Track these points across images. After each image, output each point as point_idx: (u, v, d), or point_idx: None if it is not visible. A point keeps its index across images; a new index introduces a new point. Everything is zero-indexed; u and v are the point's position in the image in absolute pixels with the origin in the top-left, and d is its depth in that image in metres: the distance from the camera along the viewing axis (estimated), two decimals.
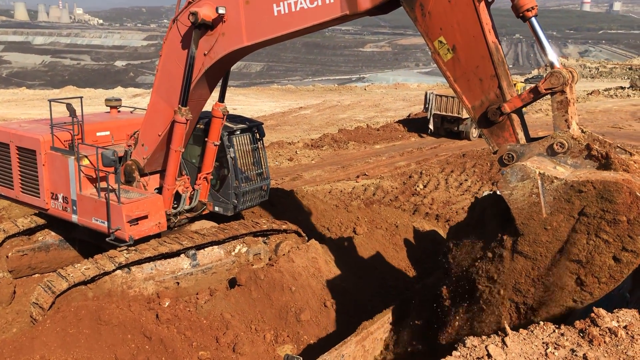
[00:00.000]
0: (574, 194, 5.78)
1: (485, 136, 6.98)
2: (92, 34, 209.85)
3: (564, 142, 6.25)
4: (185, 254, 10.77)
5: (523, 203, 6.08)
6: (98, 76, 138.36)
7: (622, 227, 5.56)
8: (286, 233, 12.44)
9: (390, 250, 12.60)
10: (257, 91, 65.38)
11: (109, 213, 10.00)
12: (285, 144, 29.69)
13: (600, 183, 5.63)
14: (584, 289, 5.86)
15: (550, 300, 6.05)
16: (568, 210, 5.84)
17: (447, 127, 31.00)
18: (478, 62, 6.80)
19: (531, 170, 6.03)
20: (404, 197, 19.45)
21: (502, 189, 6.23)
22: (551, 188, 5.94)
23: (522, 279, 6.18)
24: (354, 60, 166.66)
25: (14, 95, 57.30)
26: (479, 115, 6.90)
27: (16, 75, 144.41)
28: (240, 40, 8.99)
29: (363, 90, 65.25)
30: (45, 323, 8.77)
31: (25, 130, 11.22)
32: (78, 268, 9.77)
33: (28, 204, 11.46)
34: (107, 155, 9.63)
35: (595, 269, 5.73)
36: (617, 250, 5.63)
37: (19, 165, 11.19)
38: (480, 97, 6.88)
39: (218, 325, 9.26)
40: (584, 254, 5.77)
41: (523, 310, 6.25)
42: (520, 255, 6.17)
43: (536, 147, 6.47)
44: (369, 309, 10.48)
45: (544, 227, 5.99)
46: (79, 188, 10.48)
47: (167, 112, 10.21)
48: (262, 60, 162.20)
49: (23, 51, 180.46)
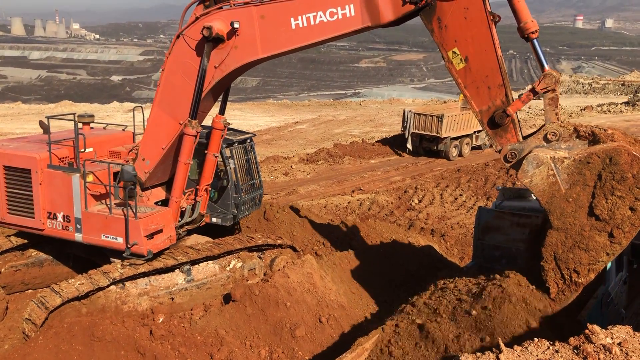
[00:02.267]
0: (584, 167, 7.05)
1: (491, 137, 8.04)
2: (88, 49, 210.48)
3: (556, 131, 7.44)
4: (179, 269, 10.73)
5: (543, 185, 7.31)
6: (94, 91, 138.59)
7: (629, 182, 6.82)
8: (281, 248, 12.42)
9: (386, 265, 12.56)
10: (253, 106, 65.56)
11: (127, 228, 9.89)
12: (280, 158, 29.74)
13: (602, 152, 6.92)
14: (613, 241, 7.08)
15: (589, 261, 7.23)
16: (582, 181, 7.10)
17: (426, 146, 30.15)
18: (488, 73, 7.75)
19: (544, 157, 7.28)
20: (399, 211, 19.47)
21: (523, 178, 7.48)
22: (563, 167, 7.20)
23: (560, 249, 7.34)
24: (350, 76, 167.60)
25: (9, 110, 57.22)
26: (486, 119, 7.89)
27: (12, 90, 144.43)
28: (255, 52, 9.19)
29: (358, 105, 65.54)
30: (38, 339, 8.69)
31: (14, 149, 10.84)
32: (72, 283, 9.71)
33: (16, 226, 11.00)
34: (128, 171, 9.60)
35: (618, 222, 6.96)
36: (630, 202, 6.88)
37: (6, 186, 10.76)
38: (487, 102, 7.84)
39: (212, 342, 9.19)
40: (606, 212, 7.00)
41: (567, 275, 7.38)
42: (554, 230, 7.33)
43: (533, 141, 7.61)
44: (364, 325, 10.45)
45: (567, 200, 7.20)
46: (84, 205, 10.26)
47: (170, 125, 10.23)
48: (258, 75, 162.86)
49: (19, 66, 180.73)
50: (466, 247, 15.76)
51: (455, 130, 29.23)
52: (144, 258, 10.07)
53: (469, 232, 17.28)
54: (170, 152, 10.57)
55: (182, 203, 11.04)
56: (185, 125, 10.00)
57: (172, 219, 10.74)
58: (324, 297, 10.62)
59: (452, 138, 29.30)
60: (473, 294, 8.28)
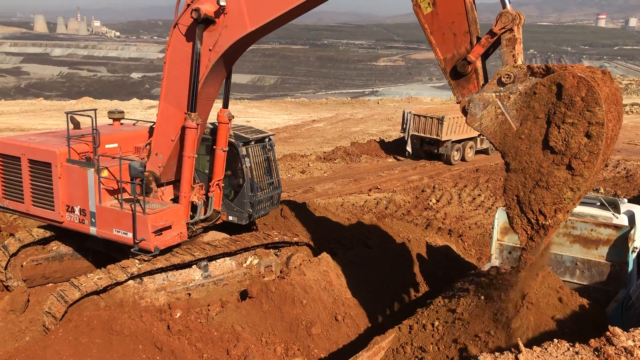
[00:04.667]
0: (531, 99, 6.62)
1: (452, 87, 7.62)
2: (109, 46, 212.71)
3: (510, 73, 6.92)
4: (197, 265, 10.80)
5: (494, 126, 6.94)
6: (114, 88, 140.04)
7: (579, 106, 6.29)
8: (298, 245, 12.44)
9: (402, 264, 12.51)
10: (271, 104, 65.74)
11: (134, 224, 10.00)
12: (297, 156, 29.77)
13: (547, 80, 6.49)
14: (574, 173, 6.51)
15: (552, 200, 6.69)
16: (532, 115, 6.65)
17: (427, 149, 28.81)
18: (454, 18, 7.45)
19: (489, 96, 6.93)
20: (416, 211, 19.38)
21: (472, 123, 7.12)
22: (510, 103, 6.81)
23: (521, 192, 6.86)
24: (367, 74, 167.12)
25: (31, 106, 58.08)
26: (449, 68, 7.56)
27: (34, 86, 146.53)
28: (244, 27, 9.34)
29: (376, 103, 65.38)
30: (58, 332, 8.80)
31: (38, 143, 11.10)
32: (91, 278, 9.82)
33: (40, 217, 11.27)
34: (135, 167, 9.69)
35: (575, 151, 6.40)
36: (584, 127, 6.31)
37: (30, 179, 11.04)
38: (452, 50, 7.53)
39: (229, 338, 9.23)
40: (561, 142, 6.48)
41: (533, 219, 6.86)
42: (511, 172, 6.89)
43: (488, 87, 7.11)
44: (381, 324, 10.43)
45: (519, 137, 6.77)
46: (98, 200, 10.43)
47: (177, 117, 10.36)
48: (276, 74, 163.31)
49: (41, 62, 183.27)
50: (484, 248, 15.63)
51: (457, 133, 27.95)
52: (151, 254, 10.12)
53: (486, 233, 17.14)
54: (178, 145, 10.69)
55: (193, 198, 11.11)
56: (185, 118, 10.11)
57: (183, 216, 10.80)
58: (340, 295, 10.62)
59: (453, 141, 28.06)
60: (491, 295, 8.22)
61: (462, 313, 8.27)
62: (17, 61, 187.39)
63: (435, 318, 8.50)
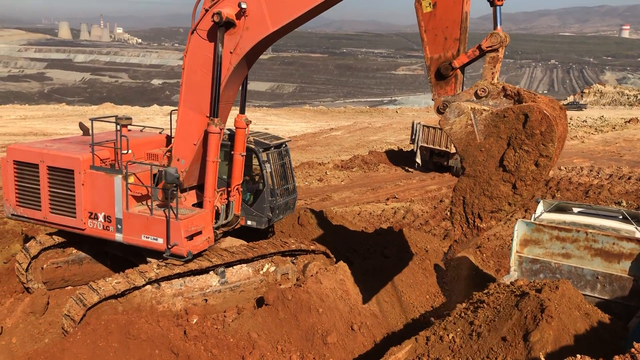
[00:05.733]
0: (499, 120, 7.51)
1: (432, 85, 8.27)
2: (130, 53, 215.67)
3: (485, 88, 7.77)
4: (214, 271, 10.83)
5: (461, 133, 7.81)
6: (135, 94, 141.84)
7: (537, 138, 7.25)
8: (314, 254, 12.42)
9: (420, 275, 12.43)
10: (289, 112, 66.01)
11: (168, 229, 10.05)
12: (315, 164, 29.81)
13: (517, 108, 7.38)
14: (516, 192, 7.60)
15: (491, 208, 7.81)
16: (496, 133, 7.57)
17: (437, 161, 28.14)
18: (449, 24, 8.02)
19: (465, 106, 7.77)
20: (434, 221, 19.25)
21: (444, 125, 7.95)
22: (481, 118, 7.66)
23: (467, 195, 7.93)
24: (386, 83, 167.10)
25: (54, 111, 59.07)
26: (434, 67, 8.18)
27: (57, 92, 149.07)
28: (266, 28, 9.48)
29: (395, 112, 65.29)
30: (76, 335, 8.88)
31: (57, 150, 10.94)
32: (109, 282, 9.89)
33: (58, 225, 11.06)
34: (171, 173, 9.73)
35: (522, 174, 7.45)
36: (535, 157, 7.35)
37: (49, 186, 10.86)
38: (440, 52, 8.13)
39: (245, 345, 9.23)
40: (513, 164, 7.49)
41: (471, 219, 7.99)
42: (465, 176, 7.91)
43: (464, 95, 7.95)
44: (397, 335, 10.35)
45: (480, 149, 7.72)
46: (125, 206, 10.43)
47: (198, 121, 10.43)
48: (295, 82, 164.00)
49: (64, 68, 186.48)
50: (502, 260, 15.46)
51: None
52: (184, 259, 10.19)
53: (505, 244, 16.95)
54: (202, 149, 10.76)
55: (216, 203, 11.17)
56: (209, 123, 10.22)
57: (210, 221, 10.87)
58: (356, 305, 10.56)
59: None
60: (510, 308, 8.11)
61: (480, 325, 8.16)
62: (41, 67, 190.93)
63: (453, 330, 8.40)
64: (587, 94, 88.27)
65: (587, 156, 33.41)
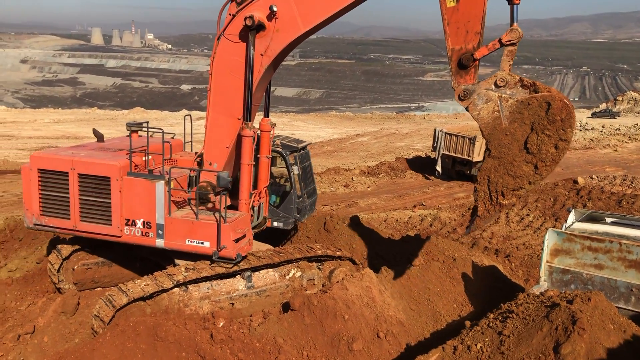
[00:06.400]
0: (524, 107, 8.42)
1: (452, 74, 8.94)
2: (160, 59, 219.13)
3: (504, 78, 8.59)
4: (241, 275, 10.90)
5: (488, 118, 8.64)
6: (164, 99, 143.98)
7: (557, 124, 8.25)
8: (340, 260, 12.40)
9: (447, 283, 12.28)
10: (316, 117, 66.17)
11: (219, 233, 10.14)
12: (341, 170, 29.80)
13: (541, 97, 8.31)
14: (536, 172, 8.58)
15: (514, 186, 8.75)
16: (520, 119, 8.48)
17: (459, 169, 27.49)
18: (471, 18, 8.63)
19: (493, 94, 8.60)
20: (462, 229, 19.05)
21: (472, 110, 8.72)
22: (507, 105, 8.53)
23: (492, 174, 8.82)
24: (414, 89, 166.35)
25: (86, 115, 60.33)
26: (455, 57, 8.79)
27: (89, 96, 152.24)
28: (297, 29, 9.69)
29: (422, 119, 64.91)
30: (105, 336, 9.01)
31: (90, 157, 10.73)
32: (138, 284, 10.01)
33: (90, 233, 10.83)
34: (223, 177, 9.80)
35: (543, 156, 8.44)
36: (556, 141, 8.33)
37: (80, 194, 10.62)
38: (461, 43, 8.75)
39: (270, 349, 9.25)
40: (535, 146, 8.43)
41: (494, 197, 8.92)
42: (490, 157, 8.77)
43: (484, 84, 8.75)
44: (423, 343, 10.24)
45: (505, 133, 8.60)
46: (168, 212, 10.37)
47: (229, 124, 10.53)
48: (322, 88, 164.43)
49: (96, 73, 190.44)
50: (532, 269, 15.20)
51: None
52: (232, 261, 10.31)
53: (535, 254, 16.67)
54: (234, 152, 10.87)
55: (254, 204, 11.30)
56: (243, 127, 10.32)
57: (249, 223, 11.00)
58: (382, 312, 10.49)
59: None
60: (540, 319, 7.96)
61: (509, 336, 8.03)
62: (74, 72, 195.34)
63: (481, 339, 8.29)
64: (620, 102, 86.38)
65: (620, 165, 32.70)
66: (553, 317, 7.85)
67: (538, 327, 7.88)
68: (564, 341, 7.39)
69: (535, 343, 7.65)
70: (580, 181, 24.92)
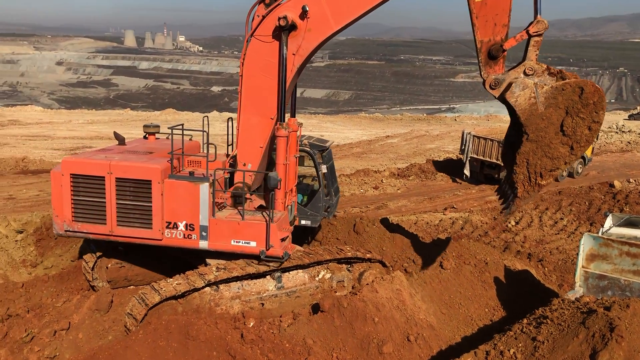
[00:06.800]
0: (558, 93, 9.09)
1: (482, 65, 9.54)
2: (192, 60, 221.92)
3: (532, 67, 9.25)
4: (271, 275, 10.94)
5: (525, 105, 9.25)
6: (195, 100, 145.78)
7: (590, 107, 8.98)
8: (370, 262, 12.33)
9: (479, 287, 12.11)
10: (345, 119, 66.07)
11: (268, 232, 10.31)
12: (371, 172, 29.67)
13: (574, 82, 9.01)
14: (572, 152, 9.28)
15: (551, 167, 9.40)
16: (555, 104, 9.13)
17: (488, 173, 26.87)
18: (498, 12, 9.21)
19: (529, 82, 9.23)
20: (494, 233, 18.77)
21: (510, 98, 9.29)
22: (542, 92, 9.15)
23: (531, 157, 9.43)
24: (444, 90, 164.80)
25: (119, 116, 61.48)
26: (485, 49, 9.37)
27: (122, 97, 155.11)
28: (329, 28, 9.90)
29: (453, 120, 64.26)
30: (138, 333, 9.14)
31: (128, 160, 10.63)
32: (170, 283, 10.13)
33: (128, 237, 10.73)
34: (274, 177, 10.00)
35: (578, 137, 9.15)
36: (589, 123, 9.07)
37: (117, 198, 10.45)
38: (490, 35, 9.32)
39: (300, 350, 9.25)
40: (571, 129, 9.12)
41: (533, 178, 9.54)
42: (528, 141, 9.36)
43: (513, 73, 9.37)
44: (454, 348, 10.12)
45: (542, 118, 9.21)
46: (212, 213, 10.43)
47: (262, 124, 10.66)
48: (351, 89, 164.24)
49: (129, 75, 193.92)
50: (566, 275, 14.88)
51: None
52: (280, 260, 10.49)
53: (569, 259, 16.32)
54: (267, 152, 11.00)
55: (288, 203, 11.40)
56: (278, 128, 10.42)
57: (288, 222, 11.19)
58: (412, 316, 10.40)
59: None
60: (576, 325, 7.79)
61: (544, 342, 7.87)
62: (108, 73, 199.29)
63: (514, 345, 8.14)
64: None
65: None
66: (590, 323, 7.67)
67: (574, 333, 7.70)
68: (601, 349, 7.21)
69: (571, 350, 7.48)
70: (616, 185, 24.30)
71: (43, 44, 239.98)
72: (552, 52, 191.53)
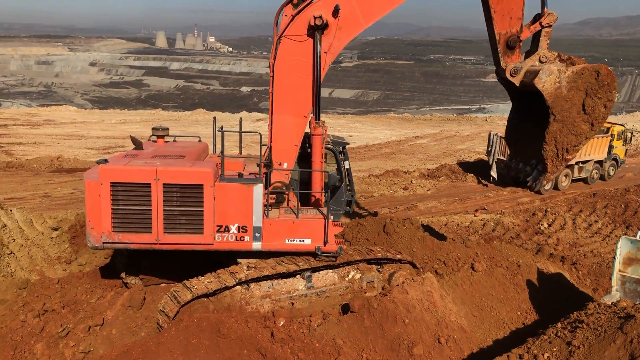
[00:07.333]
0: (578, 77, 10.54)
1: (500, 55, 11.02)
2: (221, 61, 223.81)
3: (545, 55, 10.88)
4: (301, 275, 10.96)
5: (551, 89, 10.55)
6: (225, 100, 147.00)
7: (606, 88, 10.50)
8: (400, 263, 12.26)
9: (511, 290, 11.93)
10: (374, 119, 65.83)
11: (326, 229, 10.57)
12: (400, 172, 29.49)
13: (591, 67, 10.55)
14: (592, 128, 10.73)
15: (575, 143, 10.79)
16: (576, 87, 10.54)
17: (515, 175, 25.63)
18: (514, 6, 10.66)
19: (554, 69, 10.59)
20: (526, 235, 18.46)
21: (537, 83, 10.50)
22: (564, 76, 10.52)
23: (558, 135, 10.76)
24: (475, 91, 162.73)
25: (150, 116, 62.36)
26: (503, 40, 10.84)
27: (153, 98, 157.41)
28: (359, 25, 10.40)
29: (484, 121, 63.44)
30: (170, 330, 9.27)
31: (174, 165, 10.19)
32: (202, 281, 10.24)
33: (176, 244, 10.33)
34: (334, 175, 10.52)
35: (596, 115, 10.62)
36: (605, 101, 10.55)
37: (164, 204, 10.05)
38: (506, 28, 10.78)
39: (330, 350, 9.25)
40: (590, 108, 10.57)
41: (561, 154, 10.89)
42: (555, 121, 10.70)
43: (529, 61, 10.97)
44: (486, 351, 9.99)
45: (565, 100, 10.58)
46: (265, 214, 10.45)
47: (295, 124, 10.85)
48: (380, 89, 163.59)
49: (160, 75, 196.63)
50: (600, 278, 14.55)
51: None
52: (334, 255, 10.83)
53: (604, 262, 15.95)
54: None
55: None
56: (315, 127, 10.73)
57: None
58: (443, 317, 10.31)
59: None
60: (613, 331, 7.60)
61: (579, 347, 7.71)
62: (139, 74, 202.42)
63: (548, 349, 7.99)
64: None
65: None
66: (627, 329, 7.48)
67: (611, 339, 7.53)
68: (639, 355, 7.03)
69: (607, 356, 7.31)
70: None
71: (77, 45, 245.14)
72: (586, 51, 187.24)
